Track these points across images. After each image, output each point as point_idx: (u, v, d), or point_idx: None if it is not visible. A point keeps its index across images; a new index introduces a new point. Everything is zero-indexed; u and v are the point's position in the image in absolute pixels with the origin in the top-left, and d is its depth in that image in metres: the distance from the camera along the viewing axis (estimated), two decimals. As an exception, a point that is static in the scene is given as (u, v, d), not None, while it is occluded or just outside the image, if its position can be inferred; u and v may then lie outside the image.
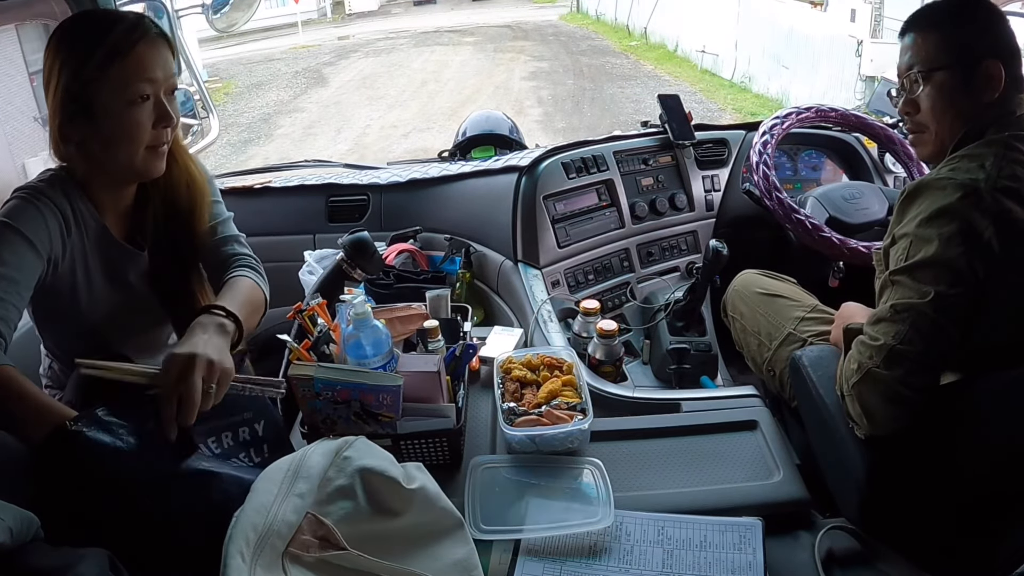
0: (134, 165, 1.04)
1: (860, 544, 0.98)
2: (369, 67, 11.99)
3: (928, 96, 1.06)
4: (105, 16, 1.02)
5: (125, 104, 0.99)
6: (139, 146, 1.02)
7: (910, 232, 0.95)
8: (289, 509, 0.86)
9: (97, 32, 0.98)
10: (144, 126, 1.01)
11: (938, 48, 1.04)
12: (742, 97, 9.30)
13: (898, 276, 0.95)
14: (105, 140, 1.01)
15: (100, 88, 0.97)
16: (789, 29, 8.98)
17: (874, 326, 0.96)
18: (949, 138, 1.05)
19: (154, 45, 1.00)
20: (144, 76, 0.99)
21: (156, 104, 1.01)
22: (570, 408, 1.13)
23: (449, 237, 1.75)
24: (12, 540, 0.71)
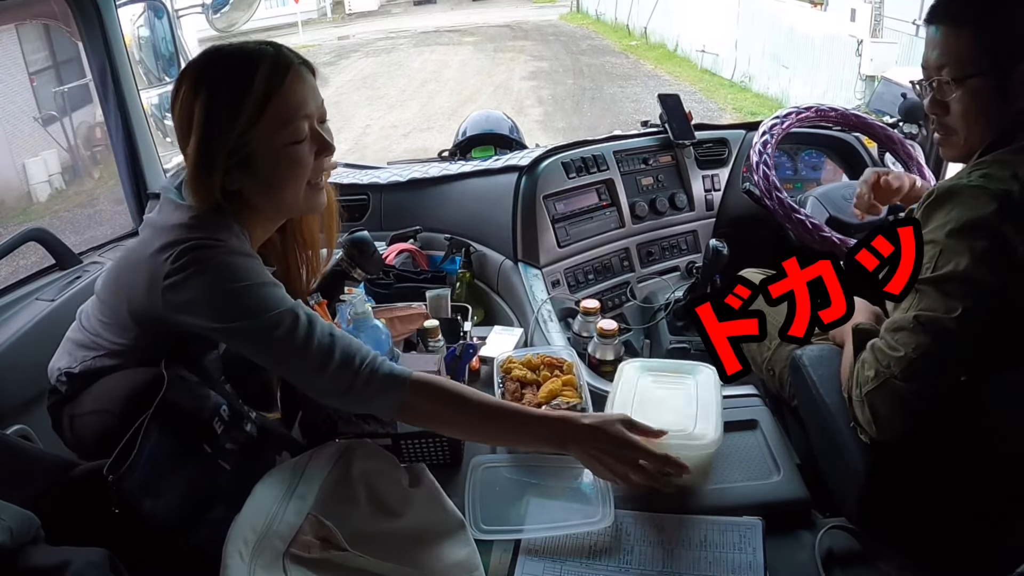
0: (298, 204, 0.98)
1: (860, 544, 0.98)
2: (369, 67, 12.00)
3: (960, 102, 0.98)
4: (241, 53, 0.92)
5: (284, 146, 0.92)
6: (302, 184, 0.96)
7: (939, 240, 0.90)
8: (290, 510, 0.86)
9: (242, 73, 0.90)
10: (306, 163, 0.95)
11: (972, 49, 0.95)
12: (742, 97, 9.31)
13: (924, 286, 0.89)
14: (267, 186, 0.95)
15: (256, 136, 0.91)
16: (789, 29, 8.99)
17: (893, 334, 0.90)
18: (979, 143, 1.00)
19: (301, 76, 0.94)
20: (301, 112, 0.93)
21: (314, 137, 0.95)
22: (570, 408, 1.13)
23: (449, 237, 1.75)
24: (12, 540, 0.71)
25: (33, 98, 6.15)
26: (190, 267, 0.88)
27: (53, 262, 1.59)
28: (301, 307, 0.91)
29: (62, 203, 5.91)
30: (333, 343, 0.90)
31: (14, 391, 1.33)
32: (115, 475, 0.83)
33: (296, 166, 0.94)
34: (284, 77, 0.91)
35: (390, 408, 0.92)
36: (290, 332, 0.88)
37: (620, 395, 1.10)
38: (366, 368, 0.89)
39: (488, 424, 0.96)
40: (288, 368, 0.92)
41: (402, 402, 0.91)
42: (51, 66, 6.13)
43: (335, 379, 0.89)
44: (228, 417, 0.98)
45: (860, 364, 0.94)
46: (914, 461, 0.94)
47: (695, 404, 1.11)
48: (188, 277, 0.88)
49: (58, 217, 5.49)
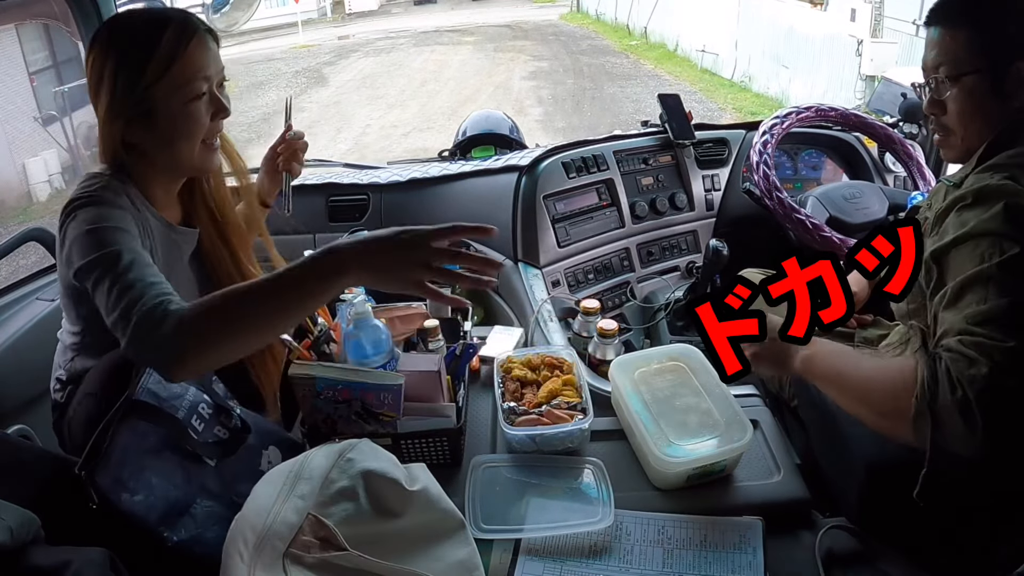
0: (192, 161, 1.06)
1: (860, 544, 0.98)
2: (369, 67, 12.00)
3: (956, 100, 1.00)
4: (150, 17, 1.01)
5: (183, 103, 1.00)
6: (196, 141, 1.04)
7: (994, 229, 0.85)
8: (290, 510, 0.86)
9: (148, 34, 0.98)
10: (202, 121, 1.03)
11: (968, 48, 0.98)
12: (742, 96, 9.31)
13: (999, 271, 0.83)
14: (164, 140, 1.02)
15: (159, 91, 0.98)
16: (789, 29, 8.99)
17: (986, 326, 0.80)
18: (976, 143, 1.01)
19: (204, 42, 1.02)
20: (201, 74, 1.01)
21: (212, 98, 1.04)
22: (570, 408, 1.13)
23: (449, 237, 1.75)
24: (12, 540, 0.71)
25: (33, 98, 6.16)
26: (67, 220, 0.95)
27: (53, 262, 1.58)
28: (133, 251, 0.90)
29: (62, 203, 5.89)
30: (135, 284, 0.85)
31: (14, 391, 1.34)
32: (87, 470, 0.86)
33: (192, 123, 1.02)
34: (189, 41, 0.99)
35: (171, 344, 0.80)
36: (110, 267, 0.88)
37: (631, 408, 1.10)
38: (151, 304, 0.82)
39: (255, 296, 0.81)
40: (102, 305, 0.87)
41: (180, 337, 0.79)
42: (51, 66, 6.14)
43: (123, 315, 0.83)
44: (209, 414, 1.00)
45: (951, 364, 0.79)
46: (914, 461, 0.94)
47: (703, 394, 1.12)
48: (66, 229, 0.95)
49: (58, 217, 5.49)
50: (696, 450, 1.02)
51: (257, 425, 1.07)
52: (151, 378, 0.96)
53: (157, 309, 0.82)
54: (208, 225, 1.17)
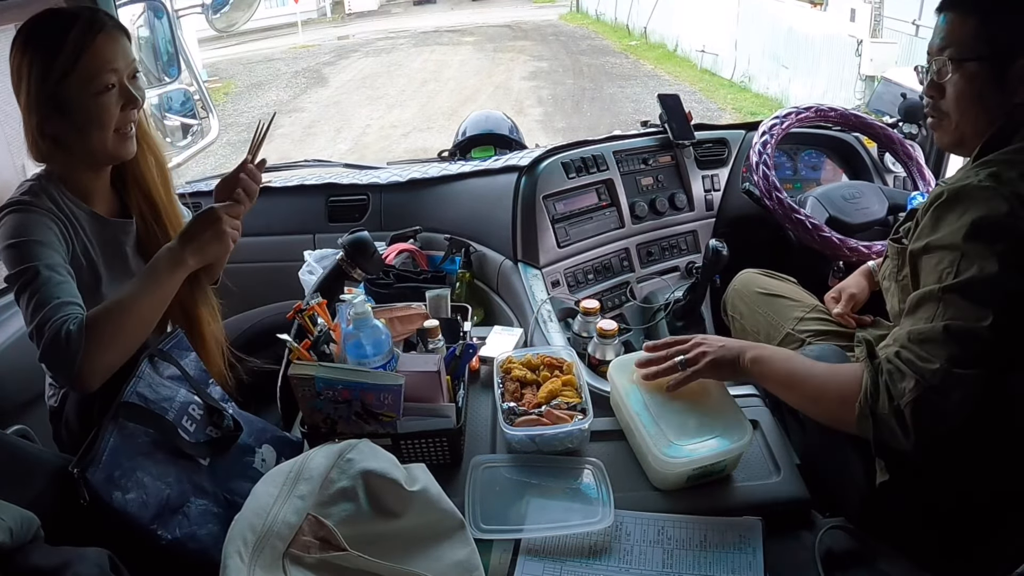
0: (106, 149, 1.10)
1: (860, 544, 0.98)
2: (369, 67, 12.00)
3: (955, 84, 0.99)
4: (61, 15, 1.07)
5: (93, 95, 1.05)
6: (108, 131, 1.08)
7: (957, 244, 0.87)
8: (290, 510, 0.86)
9: (57, 32, 1.03)
10: (112, 112, 1.07)
11: (975, 36, 0.97)
12: (742, 97, 9.31)
13: (947, 294, 0.87)
14: (78, 130, 1.07)
15: (69, 84, 1.04)
16: (789, 29, 8.99)
17: (921, 345, 0.86)
18: (971, 132, 1.01)
19: (112, 36, 1.07)
20: (108, 67, 1.06)
21: (121, 90, 1.08)
22: (570, 408, 1.13)
23: (449, 237, 1.75)
24: (12, 540, 0.71)
25: (33, 98, 6.16)
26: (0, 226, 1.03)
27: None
28: (49, 267, 0.99)
29: (62, 203, 5.91)
30: (50, 300, 0.96)
31: (14, 391, 1.34)
32: (79, 469, 0.88)
33: (103, 113, 1.07)
34: (96, 35, 1.05)
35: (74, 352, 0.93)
36: (26, 284, 0.98)
37: (630, 408, 1.10)
38: (58, 321, 0.94)
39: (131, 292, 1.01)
40: (24, 318, 0.98)
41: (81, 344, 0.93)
42: (51, 66, 6.12)
43: (36, 330, 0.95)
44: (200, 415, 1.02)
45: (888, 376, 0.88)
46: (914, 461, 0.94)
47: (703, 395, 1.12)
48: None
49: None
50: (696, 451, 1.02)
51: (251, 424, 1.09)
52: (141, 381, 0.98)
53: (61, 330, 0.93)
54: (143, 212, 1.21)
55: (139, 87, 1.11)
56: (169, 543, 0.92)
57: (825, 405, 0.96)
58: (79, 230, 1.10)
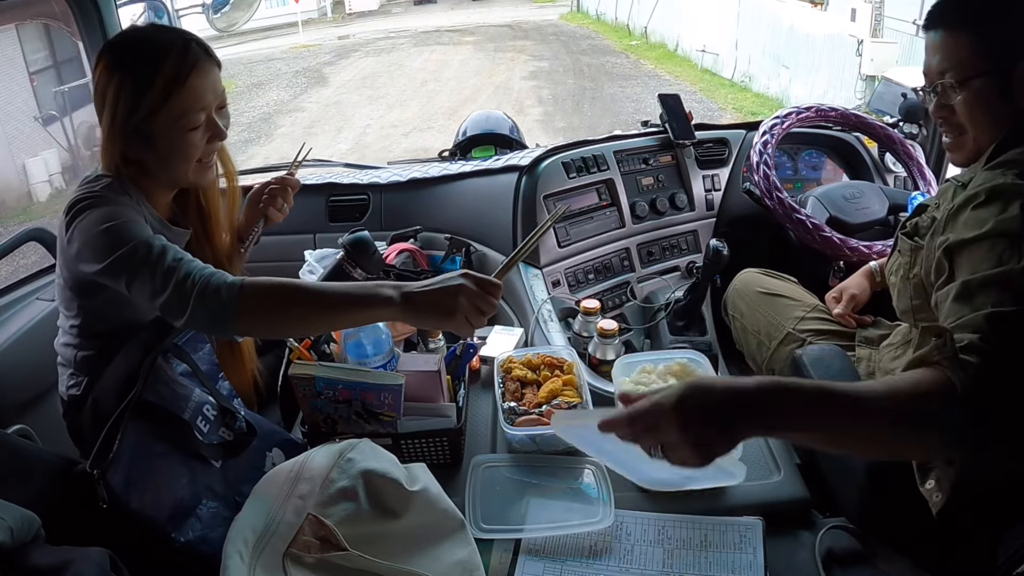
0: (187, 178, 1.10)
1: (860, 544, 0.98)
2: (369, 67, 12.00)
3: (964, 103, 0.98)
4: (153, 43, 1.02)
5: (180, 131, 1.04)
6: (191, 163, 1.08)
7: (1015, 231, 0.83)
8: (290, 510, 0.86)
9: (149, 65, 1.00)
10: (197, 146, 1.06)
11: (972, 51, 0.96)
12: (742, 96, 9.31)
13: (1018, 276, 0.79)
14: (161, 160, 1.06)
15: (157, 120, 1.02)
16: (789, 28, 8.99)
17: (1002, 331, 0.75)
18: (987, 142, 1.00)
19: (205, 71, 1.04)
20: (198, 106, 1.04)
21: (208, 124, 1.07)
22: (570, 408, 1.13)
23: (449, 237, 1.75)
24: (12, 540, 0.71)
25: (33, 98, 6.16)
26: (75, 219, 0.99)
27: (53, 262, 1.58)
28: (158, 238, 0.98)
29: (62, 203, 5.87)
30: (178, 264, 0.95)
31: (14, 391, 1.33)
32: (99, 470, 0.87)
33: (188, 148, 1.06)
34: (188, 74, 1.02)
35: (231, 316, 0.91)
36: (144, 257, 0.94)
37: None
38: (202, 280, 0.92)
39: (324, 303, 0.94)
40: (147, 292, 0.94)
41: (238, 309, 0.91)
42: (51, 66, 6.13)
43: (176, 294, 0.92)
44: (214, 416, 1.01)
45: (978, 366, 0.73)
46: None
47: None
48: (74, 228, 0.99)
49: (58, 217, 5.48)
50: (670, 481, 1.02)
51: (261, 427, 1.08)
52: (157, 379, 0.97)
53: (213, 278, 0.92)
54: (197, 227, 1.20)
55: (226, 115, 1.10)
56: (182, 545, 0.91)
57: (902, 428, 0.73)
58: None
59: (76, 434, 1.13)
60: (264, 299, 0.93)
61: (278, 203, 1.27)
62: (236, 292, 0.91)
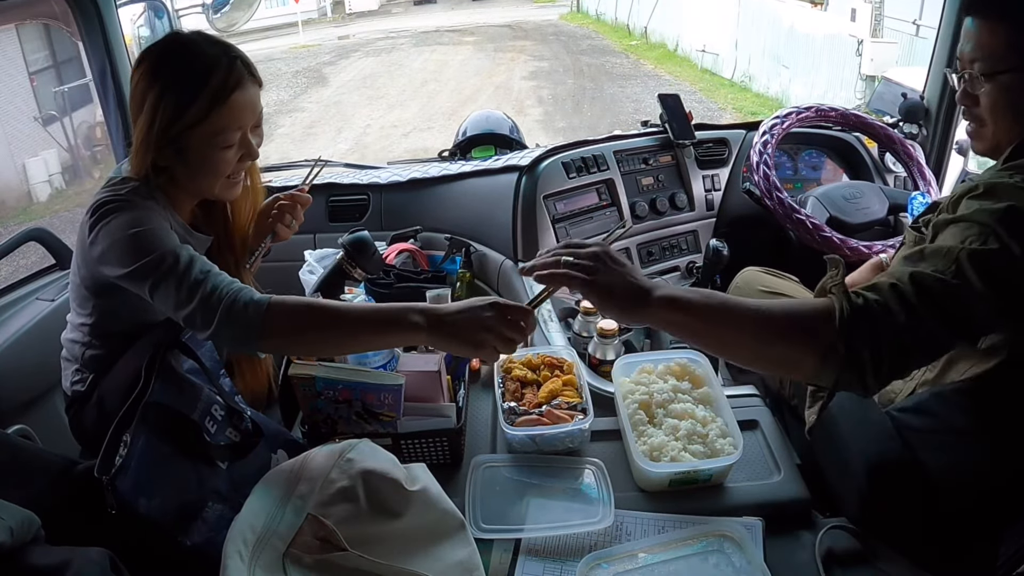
0: (213, 192, 1.10)
1: (860, 544, 0.98)
2: (369, 67, 12.00)
3: (989, 95, 0.96)
4: (200, 58, 1.01)
5: (215, 148, 1.03)
6: (220, 178, 1.08)
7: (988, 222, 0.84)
8: (290, 510, 0.86)
9: (193, 79, 0.99)
10: (230, 163, 1.06)
11: (1007, 45, 0.93)
12: (742, 96, 9.31)
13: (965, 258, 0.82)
14: (191, 173, 1.06)
15: (194, 134, 1.02)
16: (789, 28, 8.99)
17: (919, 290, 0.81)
18: (1006, 140, 0.98)
19: (246, 93, 1.03)
20: (236, 124, 1.03)
21: (243, 143, 1.06)
22: (570, 408, 1.13)
23: (449, 237, 1.75)
24: (12, 539, 0.71)
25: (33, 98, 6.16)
26: (100, 221, 0.99)
27: (53, 262, 1.59)
28: (185, 248, 0.98)
29: (62, 203, 5.91)
30: (205, 277, 0.95)
31: (14, 391, 1.34)
32: (107, 475, 0.86)
33: (220, 164, 1.06)
34: (232, 92, 1.01)
35: (255, 333, 0.92)
36: (171, 268, 0.95)
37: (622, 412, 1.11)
38: (230, 296, 0.93)
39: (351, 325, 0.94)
40: (171, 303, 0.95)
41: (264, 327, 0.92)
42: (51, 66, 6.13)
43: (203, 308, 0.93)
44: (222, 416, 1.00)
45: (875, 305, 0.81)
46: (914, 461, 0.94)
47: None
48: (100, 229, 0.98)
49: (58, 217, 5.49)
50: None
51: (267, 428, 1.07)
52: (166, 378, 0.96)
53: (240, 295, 0.93)
54: (220, 234, 1.20)
55: (260, 133, 1.10)
56: (189, 549, 0.90)
57: (779, 346, 0.83)
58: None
59: (78, 430, 1.12)
60: (291, 319, 0.93)
61: (287, 219, 1.26)
62: (263, 311, 0.92)
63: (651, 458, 1.03)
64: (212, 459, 0.97)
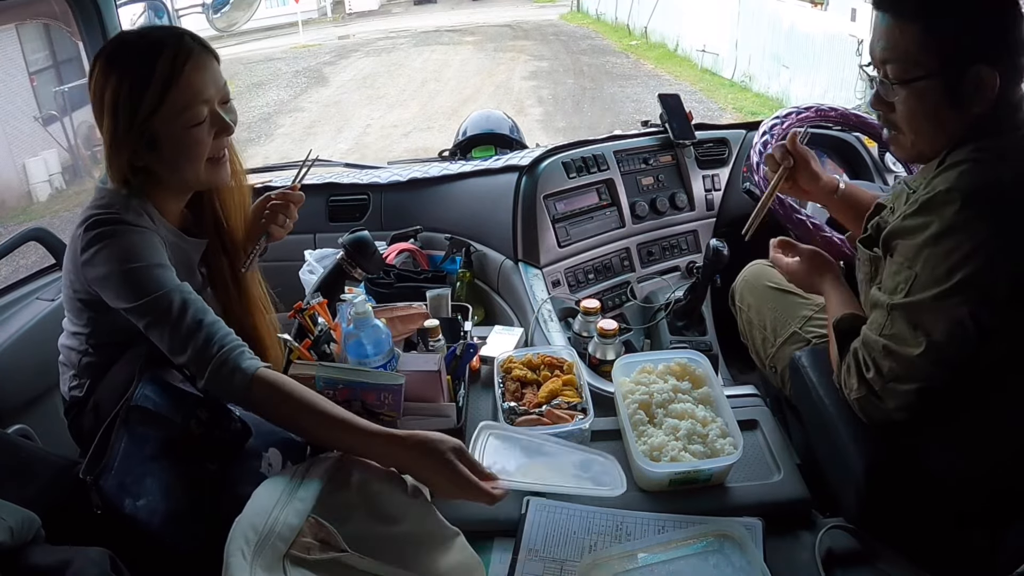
0: (199, 179, 1.07)
1: (860, 544, 0.98)
2: (369, 66, 11.99)
3: (905, 103, 0.89)
4: (143, 41, 1.00)
5: (184, 128, 1.00)
6: (201, 161, 1.04)
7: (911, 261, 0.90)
8: (291, 512, 0.86)
9: (142, 63, 0.97)
10: (205, 142, 1.03)
11: (919, 46, 0.85)
12: (742, 96, 9.30)
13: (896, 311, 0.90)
14: (170, 164, 1.03)
15: (158, 119, 0.99)
16: (789, 28, 8.98)
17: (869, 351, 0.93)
18: (928, 148, 0.92)
19: (202, 64, 1.01)
20: (199, 99, 1.00)
21: (213, 119, 1.03)
22: (571, 407, 1.13)
23: (449, 236, 1.75)
24: (12, 539, 0.71)
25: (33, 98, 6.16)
26: (96, 243, 0.97)
27: (53, 262, 1.59)
28: (181, 290, 0.97)
29: (62, 203, 5.91)
30: (199, 328, 0.94)
31: (14, 391, 1.34)
32: (92, 476, 0.86)
33: (196, 146, 1.02)
34: (183, 66, 0.98)
35: (238, 399, 0.95)
36: (166, 311, 0.95)
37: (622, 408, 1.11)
38: (220, 356, 0.93)
39: (325, 428, 0.94)
40: (165, 347, 0.96)
41: (247, 396, 0.94)
42: (51, 66, 6.13)
43: (194, 362, 0.94)
44: (207, 417, 1.00)
45: (847, 369, 0.96)
46: (914, 461, 0.94)
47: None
48: (96, 252, 0.97)
49: (58, 217, 5.49)
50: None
51: (258, 427, 1.07)
52: (149, 385, 0.96)
53: (230, 357, 0.93)
54: (213, 235, 1.18)
55: (232, 109, 1.07)
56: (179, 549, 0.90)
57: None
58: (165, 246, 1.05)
59: (77, 434, 1.12)
60: (272, 400, 0.94)
61: (279, 219, 1.22)
62: (248, 382, 0.93)
63: (651, 458, 1.03)
64: (201, 460, 0.97)
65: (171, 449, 0.95)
